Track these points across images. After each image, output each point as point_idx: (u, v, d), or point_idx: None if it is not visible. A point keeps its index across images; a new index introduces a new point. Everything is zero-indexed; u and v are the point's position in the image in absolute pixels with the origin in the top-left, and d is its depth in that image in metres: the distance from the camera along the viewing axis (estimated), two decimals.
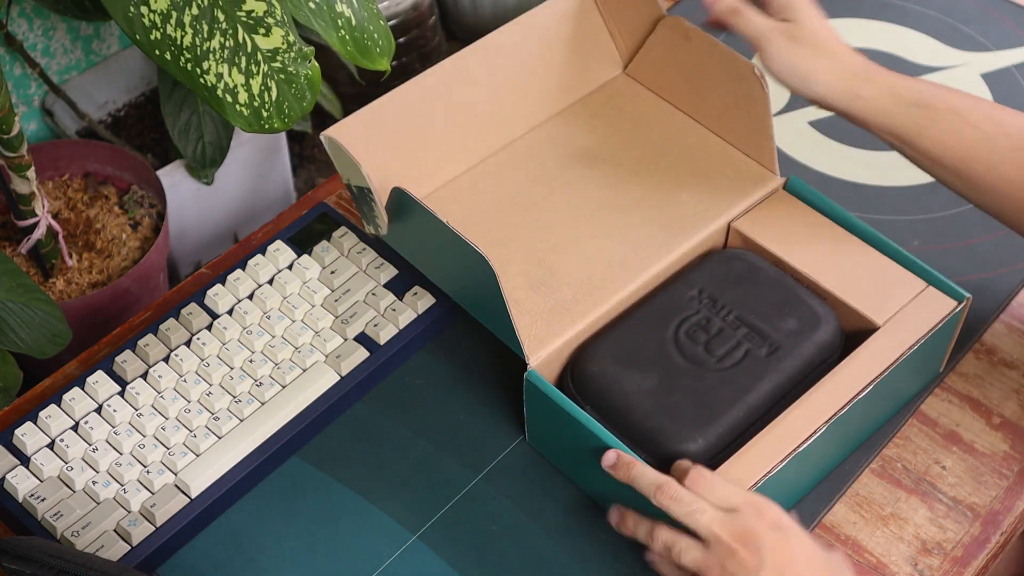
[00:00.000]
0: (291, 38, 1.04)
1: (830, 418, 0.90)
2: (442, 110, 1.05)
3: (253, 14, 1.02)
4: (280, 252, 1.06)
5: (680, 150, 1.08)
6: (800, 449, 0.88)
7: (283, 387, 0.99)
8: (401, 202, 0.94)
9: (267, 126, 1.05)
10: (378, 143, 1.01)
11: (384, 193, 0.98)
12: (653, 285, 1.00)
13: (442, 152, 1.05)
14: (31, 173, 1.27)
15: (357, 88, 1.78)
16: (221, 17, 1.01)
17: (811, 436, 0.89)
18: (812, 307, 0.96)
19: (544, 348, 0.94)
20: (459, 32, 2.08)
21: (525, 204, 1.04)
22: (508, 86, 1.09)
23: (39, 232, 1.33)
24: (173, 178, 1.53)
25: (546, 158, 1.08)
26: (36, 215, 1.32)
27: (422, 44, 1.85)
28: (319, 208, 1.10)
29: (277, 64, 1.04)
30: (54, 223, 1.35)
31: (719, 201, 1.03)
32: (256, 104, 1.04)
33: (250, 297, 1.04)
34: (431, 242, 0.96)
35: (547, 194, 1.05)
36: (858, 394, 0.91)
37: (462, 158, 1.07)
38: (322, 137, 0.98)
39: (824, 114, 1.22)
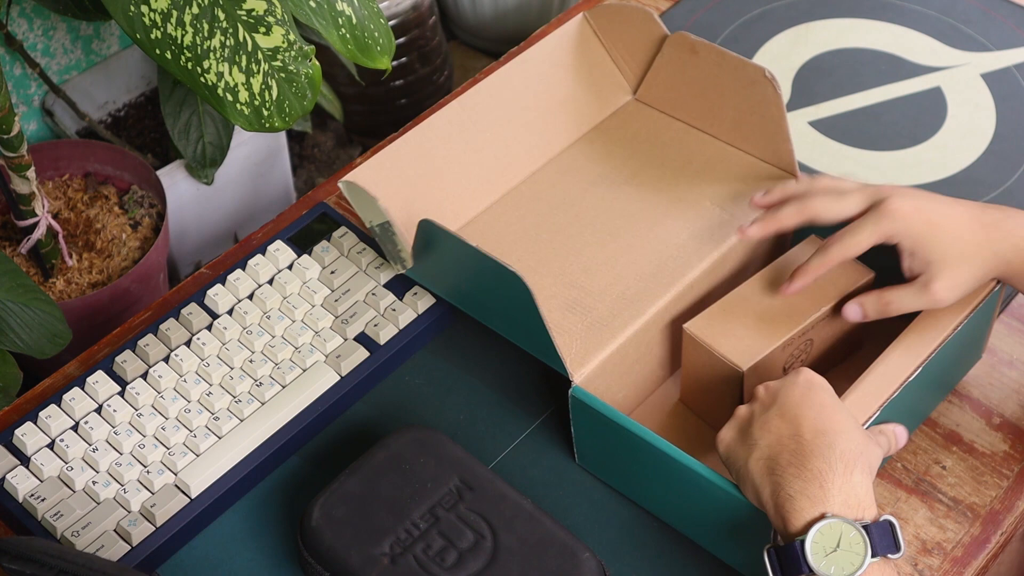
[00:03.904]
0: (292, 37, 1.04)
1: (904, 381, 0.90)
2: (456, 151, 1.05)
3: (253, 13, 1.02)
4: (280, 252, 1.06)
5: (699, 164, 1.07)
6: (885, 404, 0.88)
7: (283, 387, 0.99)
8: (429, 233, 0.94)
9: (268, 125, 1.06)
10: (398, 186, 1.01)
11: (409, 229, 0.98)
12: (690, 292, 0.98)
13: (461, 191, 1.05)
14: (31, 173, 1.27)
15: (357, 88, 1.78)
16: (221, 16, 1.01)
17: (900, 387, 0.89)
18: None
19: (587, 364, 0.92)
20: (459, 32, 2.08)
21: (551, 231, 1.03)
22: (519, 122, 1.08)
23: (39, 232, 1.33)
24: (173, 178, 1.53)
25: (567, 186, 1.07)
26: (36, 215, 1.32)
27: (422, 44, 1.84)
28: (319, 208, 1.10)
29: (278, 63, 1.04)
30: (54, 223, 1.35)
31: (744, 205, 1.03)
32: (257, 103, 1.04)
33: (250, 297, 1.04)
34: (460, 271, 0.95)
35: (572, 219, 1.04)
36: (919, 366, 0.91)
37: (482, 196, 1.06)
38: (340, 183, 0.98)
39: (824, 114, 1.22)
